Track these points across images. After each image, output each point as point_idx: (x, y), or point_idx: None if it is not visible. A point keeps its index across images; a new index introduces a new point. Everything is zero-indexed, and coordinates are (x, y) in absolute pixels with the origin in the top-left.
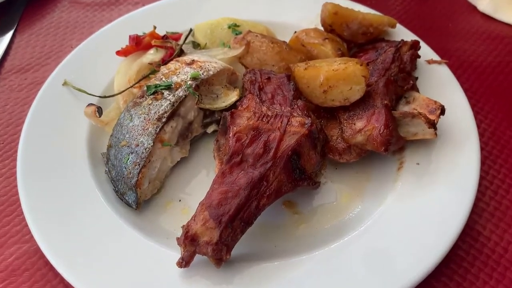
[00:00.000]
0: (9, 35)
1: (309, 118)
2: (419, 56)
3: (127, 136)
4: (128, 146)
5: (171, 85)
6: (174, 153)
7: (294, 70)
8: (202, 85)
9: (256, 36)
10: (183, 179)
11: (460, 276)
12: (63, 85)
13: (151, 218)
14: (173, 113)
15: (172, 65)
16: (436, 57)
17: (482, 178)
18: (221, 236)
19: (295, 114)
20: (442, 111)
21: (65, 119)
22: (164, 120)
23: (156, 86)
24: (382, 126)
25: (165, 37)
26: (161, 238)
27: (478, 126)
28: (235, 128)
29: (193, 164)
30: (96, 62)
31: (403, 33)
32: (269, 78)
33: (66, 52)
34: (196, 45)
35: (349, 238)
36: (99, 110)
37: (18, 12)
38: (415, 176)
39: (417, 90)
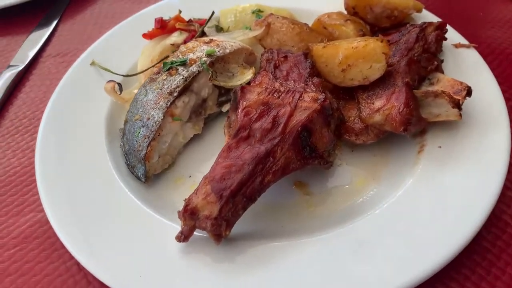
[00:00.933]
0: (53, 25)
1: (323, 94)
2: (445, 39)
3: (140, 110)
4: (140, 120)
5: (186, 61)
6: (186, 129)
7: (312, 49)
8: (217, 63)
9: (277, 18)
10: (195, 156)
11: (484, 269)
12: (90, 64)
13: (160, 193)
14: (186, 88)
15: (190, 44)
16: (464, 42)
17: (510, 165)
18: (221, 211)
19: (308, 90)
20: (468, 92)
21: (88, 96)
22: (175, 94)
23: (172, 62)
24: (402, 105)
25: (190, 21)
26: (168, 212)
27: (508, 113)
28: (244, 102)
29: (207, 143)
30: (125, 45)
31: (429, 19)
32: (286, 57)
33: None
34: (219, 29)
35: (361, 221)
36: (120, 87)
37: (64, 4)
38: (437, 160)
39: (442, 72)
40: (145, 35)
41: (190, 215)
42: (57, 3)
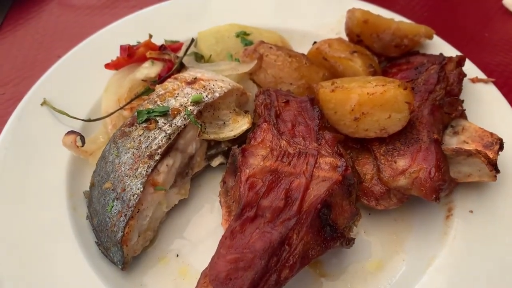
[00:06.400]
0: None
1: (342, 159)
2: (465, 75)
3: (111, 175)
4: (113, 190)
5: (167, 111)
6: (171, 196)
7: (318, 92)
8: (205, 111)
9: (271, 48)
10: (179, 225)
11: None
12: (41, 105)
13: (141, 280)
14: (170, 148)
15: (169, 84)
16: (480, 73)
17: None
18: None
19: (323, 153)
20: (501, 146)
21: (42, 147)
22: (157, 157)
23: (149, 111)
24: (433, 168)
25: (163, 48)
26: None
27: None
28: (247, 170)
29: (193, 206)
30: (82, 76)
31: (438, 46)
32: (287, 102)
33: (53, 62)
34: (199, 57)
35: None
36: (82, 139)
37: (1, 14)
38: (470, 228)
39: (465, 117)
40: (108, 66)
41: None
42: None
